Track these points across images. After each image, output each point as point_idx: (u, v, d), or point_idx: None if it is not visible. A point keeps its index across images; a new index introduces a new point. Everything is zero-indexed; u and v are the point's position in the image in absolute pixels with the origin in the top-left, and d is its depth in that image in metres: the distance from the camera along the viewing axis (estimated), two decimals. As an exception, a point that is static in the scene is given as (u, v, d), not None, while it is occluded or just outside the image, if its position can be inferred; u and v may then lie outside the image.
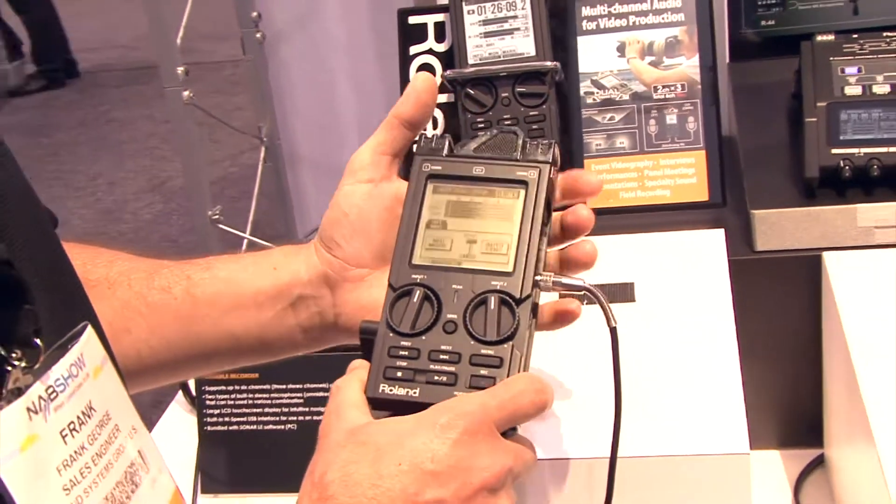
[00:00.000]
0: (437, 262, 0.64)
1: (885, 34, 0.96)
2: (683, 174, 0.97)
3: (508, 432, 0.60)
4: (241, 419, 1.01)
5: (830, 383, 0.88)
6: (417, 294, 0.62)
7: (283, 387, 1.01)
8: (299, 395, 1.00)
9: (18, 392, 0.51)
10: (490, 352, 0.61)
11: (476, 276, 0.63)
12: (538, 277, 0.62)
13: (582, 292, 0.64)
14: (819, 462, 0.91)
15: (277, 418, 1.01)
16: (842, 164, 0.89)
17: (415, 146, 0.69)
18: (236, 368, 0.98)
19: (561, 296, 0.69)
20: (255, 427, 1.01)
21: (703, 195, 0.97)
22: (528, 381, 0.61)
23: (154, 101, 4.89)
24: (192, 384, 1.07)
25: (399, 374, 0.61)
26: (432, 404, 0.59)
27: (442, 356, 0.61)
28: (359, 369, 0.63)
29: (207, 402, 1.01)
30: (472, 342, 0.61)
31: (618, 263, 0.88)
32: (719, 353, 0.80)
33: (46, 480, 0.53)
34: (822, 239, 0.90)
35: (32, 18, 5.70)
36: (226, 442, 1.01)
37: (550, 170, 0.64)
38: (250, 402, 1.01)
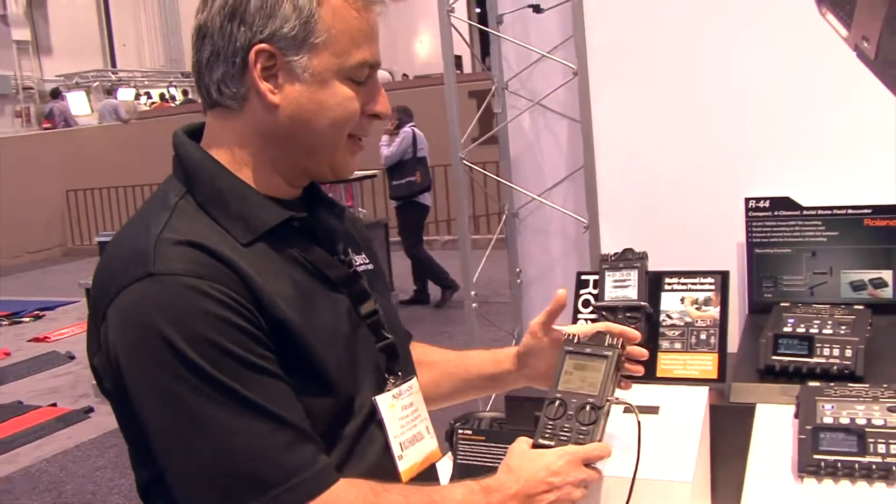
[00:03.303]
0: (567, 389, 1.44)
1: (816, 311, 1.90)
2: (706, 364, 1.91)
3: (588, 466, 1.32)
4: (474, 457, 2.01)
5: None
6: (557, 402, 1.38)
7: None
8: (503, 450, 1.99)
9: (389, 391, 1.38)
10: (584, 429, 1.32)
11: (582, 396, 1.41)
12: (608, 398, 1.42)
13: (627, 405, 1.46)
14: (753, 513, 1.77)
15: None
16: (776, 364, 1.81)
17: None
18: (473, 431, 2.00)
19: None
20: (478, 463, 2.00)
21: (714, 375, 1.90)
22: (600, 446, 1.32)
23: (455, 322, 7.53)
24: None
25: (547, 434, 1.32)
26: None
27: (564, 427, 1.33)
28: (522, 438, 1.36)
29: (459, 446, 2.02)
30: (577, 423, 1.32)
31: (654, 397, 1.81)
32: (687, 438, 1.68)
33: (395, 421, 1.35)
34: (748, 399, 1.78)
35: (418, 266, 8.92)
36: (466, 469, 2.01)
37: (621, 351, 1.48)
38: (478, 450, 2.01)
